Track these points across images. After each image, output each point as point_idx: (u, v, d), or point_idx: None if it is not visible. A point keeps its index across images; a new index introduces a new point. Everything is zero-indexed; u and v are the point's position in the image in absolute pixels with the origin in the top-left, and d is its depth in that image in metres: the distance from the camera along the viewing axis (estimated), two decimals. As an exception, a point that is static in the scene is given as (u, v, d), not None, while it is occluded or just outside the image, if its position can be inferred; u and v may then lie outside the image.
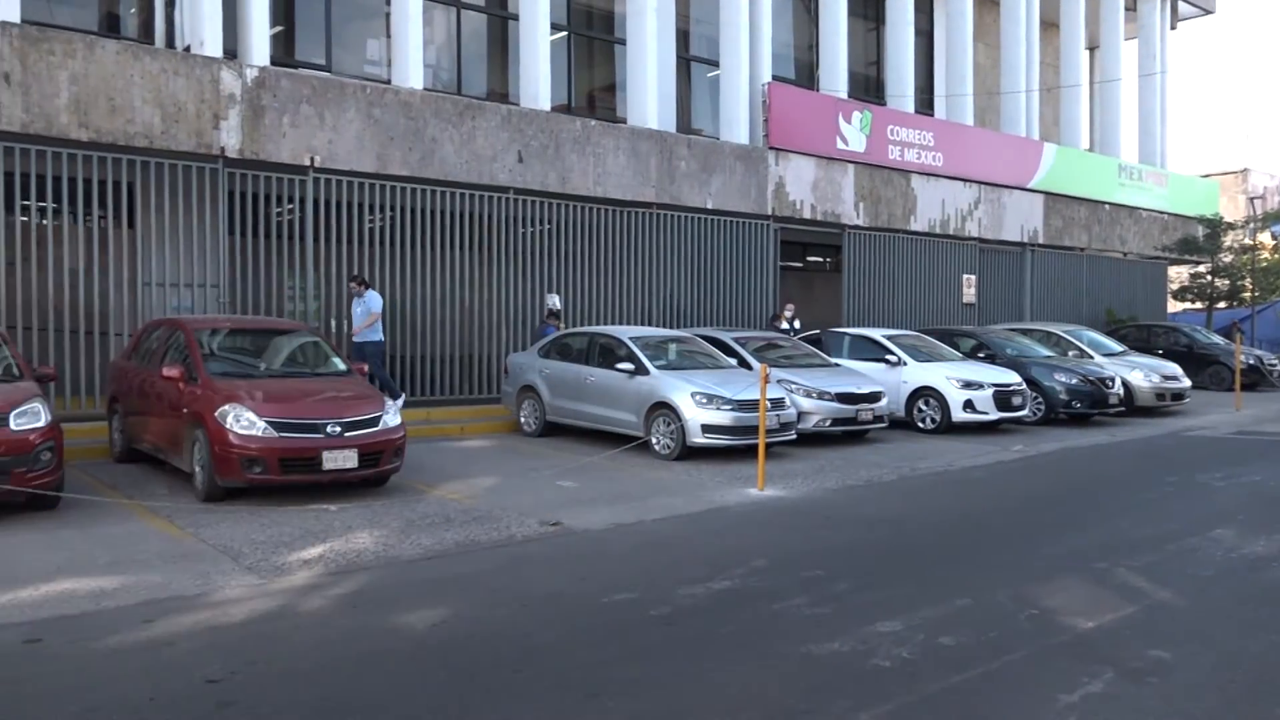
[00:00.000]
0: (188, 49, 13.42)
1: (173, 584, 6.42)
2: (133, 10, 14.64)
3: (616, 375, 12.48)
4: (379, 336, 13.63)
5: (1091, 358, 17.52)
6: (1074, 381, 15.70)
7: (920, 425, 14.74)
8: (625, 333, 13.20)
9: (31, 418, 8.02)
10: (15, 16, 11.92)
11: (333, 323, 14.39)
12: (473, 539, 7.84)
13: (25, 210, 12.75)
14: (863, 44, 23.81)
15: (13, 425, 7.87)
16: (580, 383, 13.01)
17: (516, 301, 15.96)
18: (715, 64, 19.89)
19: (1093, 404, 15.70)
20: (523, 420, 13.89)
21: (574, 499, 9.47)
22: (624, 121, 18.13)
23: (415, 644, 5.39)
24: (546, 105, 16.54)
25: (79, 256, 12.54)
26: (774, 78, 19.88)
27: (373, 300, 13.56)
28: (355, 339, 13.50)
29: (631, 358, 12.47)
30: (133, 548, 7.28)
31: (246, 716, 4.40)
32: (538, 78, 16.54)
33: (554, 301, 15.81)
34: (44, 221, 12.76)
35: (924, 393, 14.78)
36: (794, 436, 12.38)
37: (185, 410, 9.15)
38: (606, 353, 12.96)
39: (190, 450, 9.06)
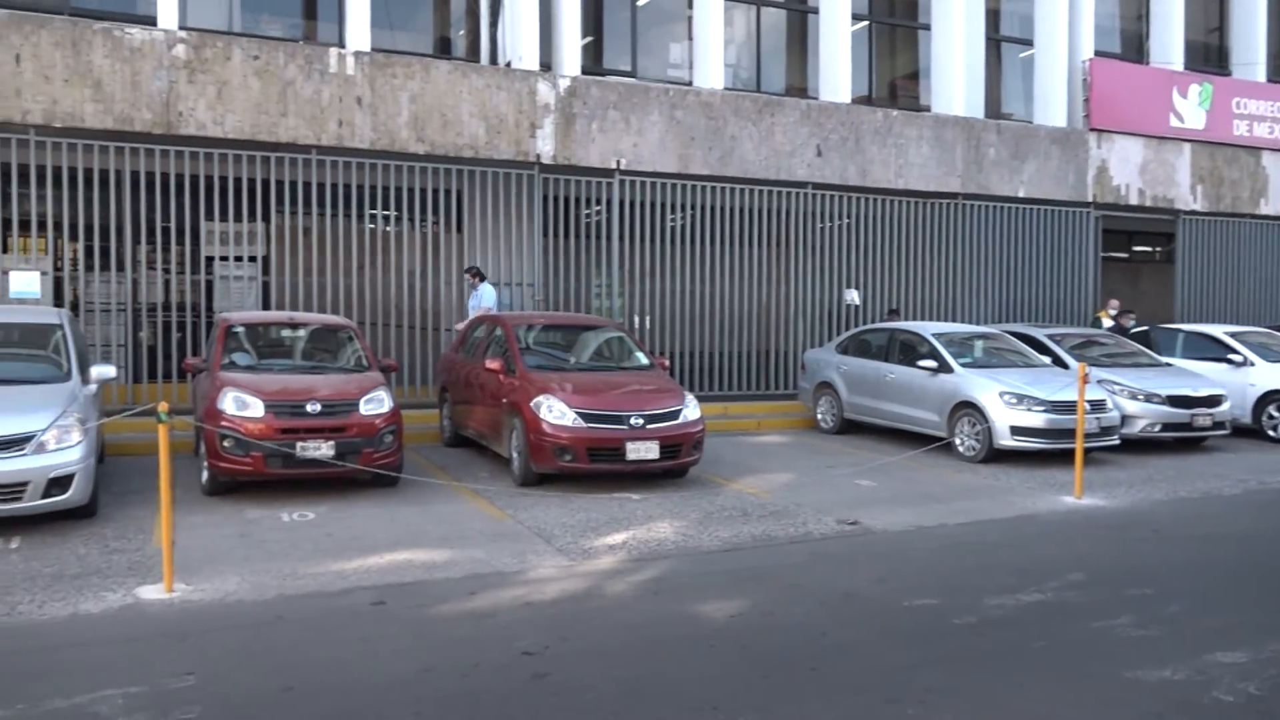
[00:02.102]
0: (508, 64, 14.46)
1: (493, 560, 6.93)
2: (461, 32, 15.96)
3: (918, 373, 12.06)
4: None
5: None
6: None
7: (1271, 434, 13.10)
8: (928, 329, 12.73)
9: (377, 404, 8.96)
10: (366, 46, 13.35)
11: (635, 319, 14.96)
12: (769, 534, 7.87)
13: (372, 219, 14.32)
14: (1202, 9, 21.44)
15: (362, 410, 8.83)
16: (879, 380, 12.70)
17: (814, 297, 15.83)
18: (1028, 43, 18.69)
19: None
20: (819, 417, 13.77)
21: (872, 498, 9.26)
22: (927, 109, 17.47)
23: (715, 633, 5.49)
24: (846, 98, 16.28)
25: (415, 259, 13.90)
26: (1096, 53, 18.37)
27: (486, 294, 13.43)
28: None
29: (934, 355, 12.01)
30: (459, 525, 7.95)
31: (559, 689, 4.67)
32: (838, 70, 16.32)
33: (852, 297, 15.53)
34: (387, 228, 14.26)
35: (1275, 397, 13.12)
36: (1116, 442, 11.40)
37: (504, 400, 9.86)
38: (907, 349, 12.56)
39: (508, 437, 9.76)
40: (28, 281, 11.95)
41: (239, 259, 13.77)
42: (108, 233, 12.25)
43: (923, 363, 12.04)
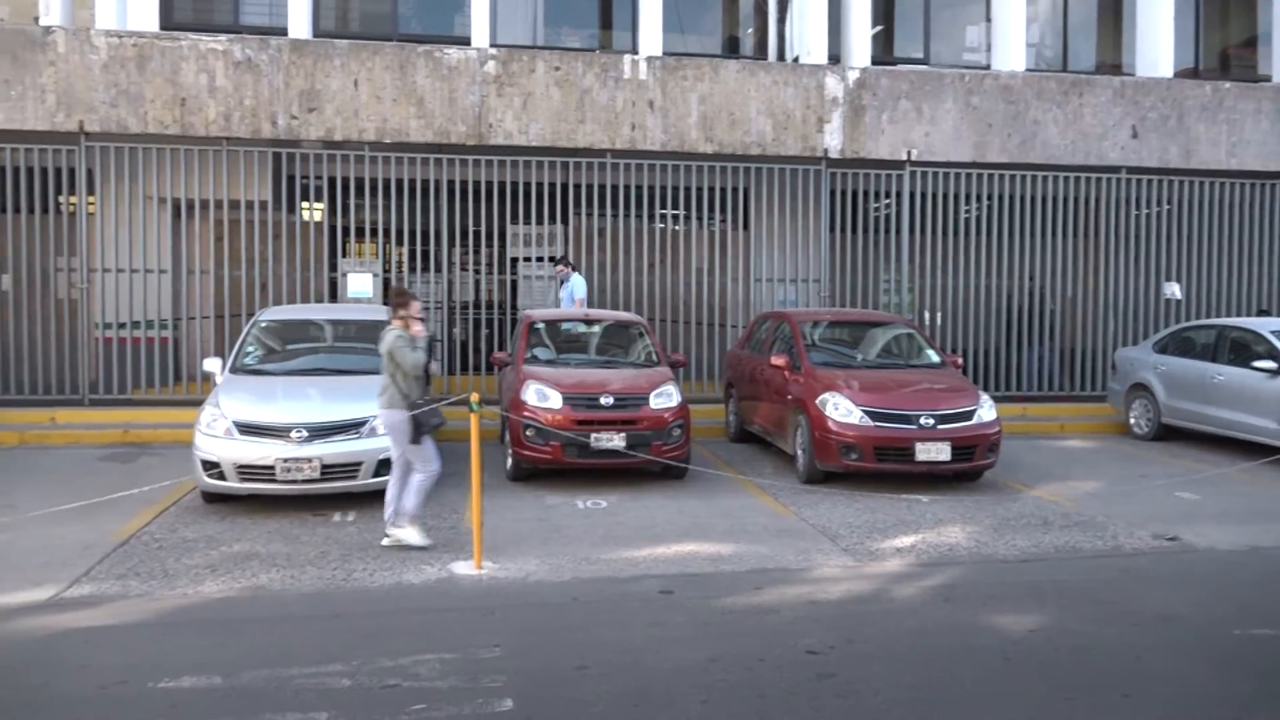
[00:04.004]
0: (796, 60, 14.40)
1: (777, 557, 6.94)
2: (749, 30, 16.08)
3: (1252, 375, 10.79)
4: None
5: None
6: None
7: None
8: (1265, 325, 11.33)
9: (666, 398, 9.22)
10: (658, 50, 13.75)
11: (926, 315, 14.44)
12: (1074, 545, 7.33)
13: (662, 218, 14.77)
14: None
15: (652, 404, 9.12)
16: (1204, 382, 11.47)
17: (1126, 291, 14.57)
18: (1398, -4, 16.18)
19: None
20: (1132, 421, 12.65)
21: (1195, 513, 8.39)
22: (1268, 80, 15.57)
23: (1010, 646, 5.19)
24: (1168, 72, 14.85)
25: (703, 257, 14.18)
26: None
27: (577, 285, 12.93)
28: None
29: (1273, 354, 10.69)
30: (744, 520, 8.02)
31: (845, 690, 4.60)
32: (1158, 42, 14.94)
33: (1173, 290, 14.15)
34: (676, 227, 14.64)
35: None
36: None
37: (790, 397, 9.84)
38: (1239, 348, 11.26)
39: (793, 434, 9.73)
40: (362, 283, 13.36)
41: (540, 259, 14.65)
42: (427, 237, 13.42)
43: (1259, 364, 10.75)
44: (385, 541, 7.05)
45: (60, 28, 12.21)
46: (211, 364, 8.86)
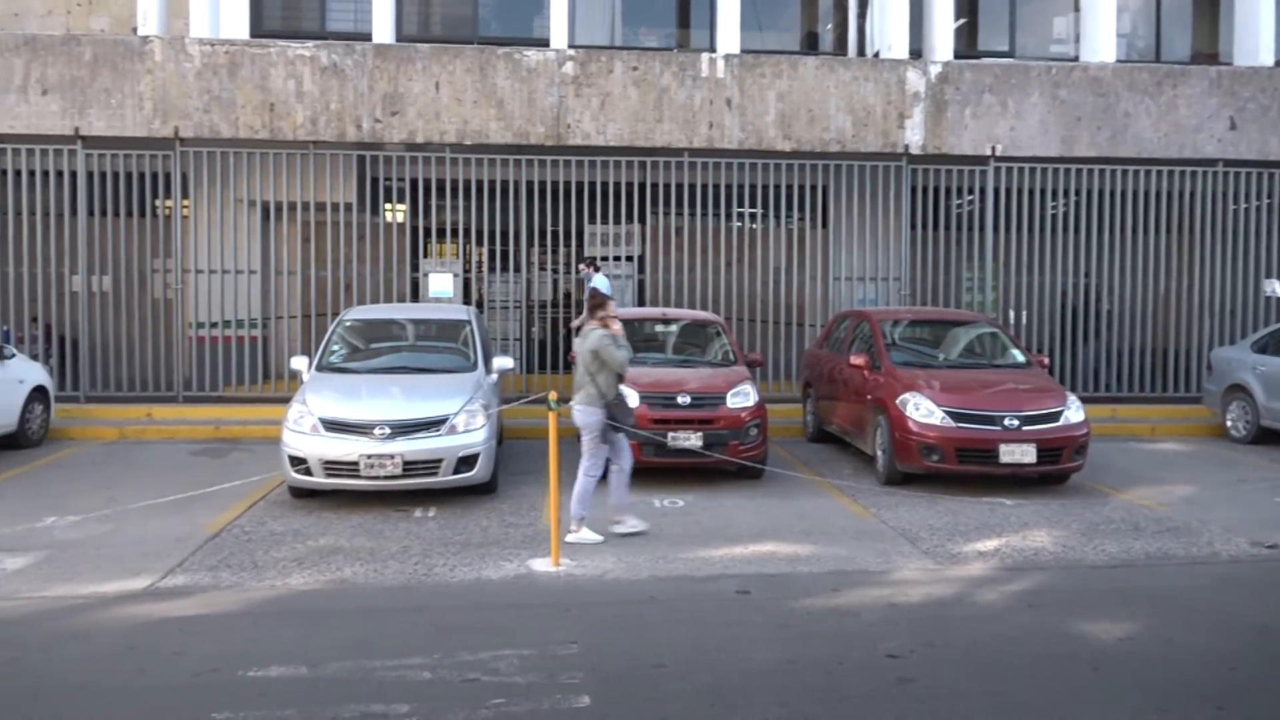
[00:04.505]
0: (876, 55, 14.20)
1: (856, 558, 6.85)
2: (828, 26, 15.91)
3: (1359, 376, 10.31)
4: None
5: None
6: None
7: None
8: (1373, 324, 10.83)
9: (743, 398, 9.18)
10: (736, 48, 13.69)
11: (1010, 313, 14.11)
12: (1166, 551, 7.10)
13: (739, 217, 14.71)
14: None
15: (729, 403, 9.09)
16: (1307, 383, 11.01)
17: (1222, 289, 14.04)
18: None
19: None
20: (1229, 424, 12.18)
21: (1297, 519, 8.06)
22: (1376, 67, 14.86)
23: (1099, 655, 5.04)
24: (1268, 60, 14.28)
25: (780, 255, 14.07)
26: None
27: (600, 285, 12.65)
28: None
29: (1382, 355, 10.21)
30: (822, 521, 7.94)
31: (926, 695, 4.52)
32: (1258, 29, 14.37)
33: (1274, 288, 13.59)
34: (753, 226, 14.57)
35: None
36: None
37: (869, 397, 9.71)
38: (1345, 348, 10.77)
39: (872, 434, 9.60)
40: (443, 283, 13.59)
41: (617, 258, 14.71)
42: (506, 237, 13.58)
43: (1366, 364, 10.28)
44: (618, 529, 7.36)
45: (157, 37, 12.66)
46: (299, 362, 9.10)
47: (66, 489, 8.79)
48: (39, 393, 10.80)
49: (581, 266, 13.29)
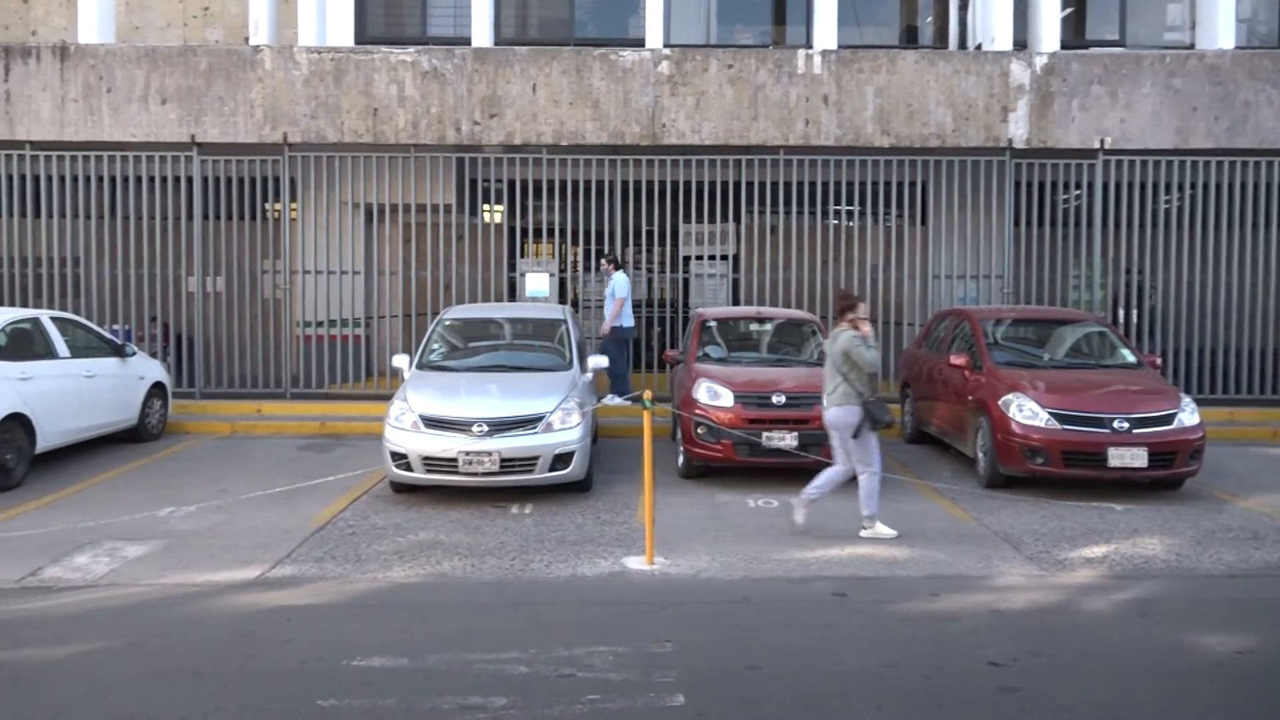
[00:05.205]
0: (978, 47, 13.86)
1: (956, 563, 6.70)
2: (928, 20, 15.59)
3: None
4: (629, 322, 12.82)
5: None
6: None
7: None
8: None
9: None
10: (833, 44, 13.53)
11: (1120, 312, 13.61)
12: (1289, 562, 6.76)
13: (836, 214, 14.52)
14: None
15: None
16: None
17: (1352, 286, 13.31)
18: None
19: None
20: (1358, 428, 11.55)
21: None
22: None
23: (1216, 667, 4.83)
24: (1403, 43, 13.47)
25: (878, 253, 13.85)
26: None
27: (619, 283, 12.61)
28: (612, 325, 12.63)
29: None
30: (922, 524, 7.78)
31: (1030, 705, 4.39)
32: (1391, 12, 13.56)
33: None
34: (850, 223, 14.35)
35: None
36: None
37: (970, 398, 9.48)
38: None
39: (973, 436, 9.37)
40: (540, 282, 13.75)
41: (712, 257, 14.68)
42: (602, 237, 13.67)
43: None
44: (864, 533, 7.37)
45: (267, 46, 13.11)
46: (400, 360, 9.33)
47: (183, 481, 9.18)
48: (158, 389, 11.31)
49: (603, 263, 13.34)
